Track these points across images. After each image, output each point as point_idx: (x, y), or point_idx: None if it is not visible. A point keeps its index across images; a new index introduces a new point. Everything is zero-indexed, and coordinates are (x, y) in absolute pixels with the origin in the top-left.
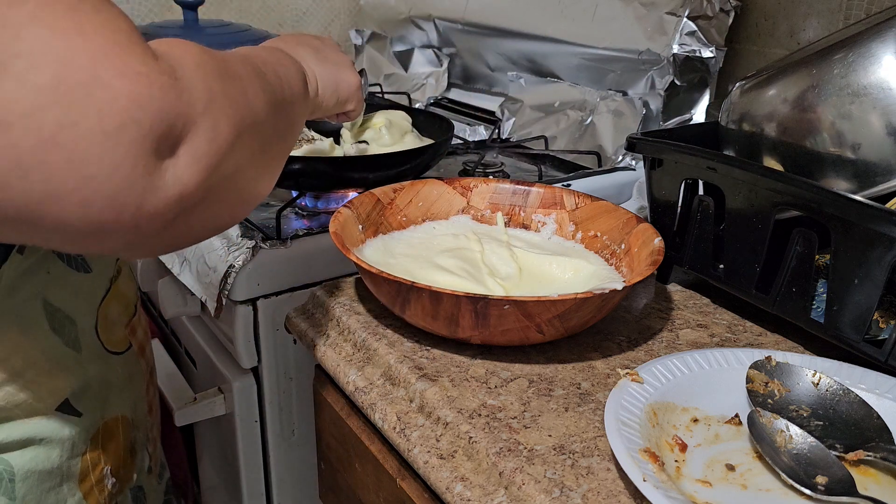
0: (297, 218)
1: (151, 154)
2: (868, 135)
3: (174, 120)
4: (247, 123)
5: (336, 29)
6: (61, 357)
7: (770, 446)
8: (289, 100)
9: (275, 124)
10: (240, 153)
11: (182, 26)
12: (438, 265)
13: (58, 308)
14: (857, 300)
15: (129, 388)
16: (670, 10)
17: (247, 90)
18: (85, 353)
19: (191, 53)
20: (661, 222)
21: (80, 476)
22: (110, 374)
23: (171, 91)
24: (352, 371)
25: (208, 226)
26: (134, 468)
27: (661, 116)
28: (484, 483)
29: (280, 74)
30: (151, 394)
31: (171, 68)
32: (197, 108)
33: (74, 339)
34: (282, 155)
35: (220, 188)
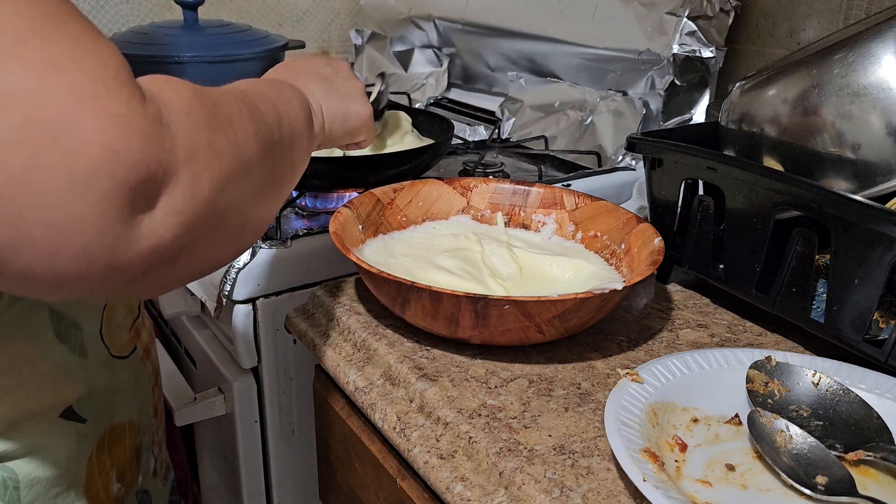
0: (297, 218)
1: (125, 205)
2: (868, 135)
3: (153, 170)
4: (234, 172)
5: (336, 29)
6: (67, 364)
7: (770, 446)
8: (288, 138)
9: (270, 166)
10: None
11: (182, 26)
12: (439, 265)
13: (63, 314)
14: (857, 300)
15: (136, 392)
16: (670, 10)
17: (237, 136)
18: (91, 359)
19: (181, 97)
20: (661, 222)
21: (85, 482)
22: (116, 378)
23: (153, 139)
24: (352, 371)
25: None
26: (139, 472)
27: (661, 116)
28: (484, 483)
29: (280, 112)
30: (157, 396)
31: (158, 112)
32: (179, 157)
33: (80, 346)
34: (280, 192)
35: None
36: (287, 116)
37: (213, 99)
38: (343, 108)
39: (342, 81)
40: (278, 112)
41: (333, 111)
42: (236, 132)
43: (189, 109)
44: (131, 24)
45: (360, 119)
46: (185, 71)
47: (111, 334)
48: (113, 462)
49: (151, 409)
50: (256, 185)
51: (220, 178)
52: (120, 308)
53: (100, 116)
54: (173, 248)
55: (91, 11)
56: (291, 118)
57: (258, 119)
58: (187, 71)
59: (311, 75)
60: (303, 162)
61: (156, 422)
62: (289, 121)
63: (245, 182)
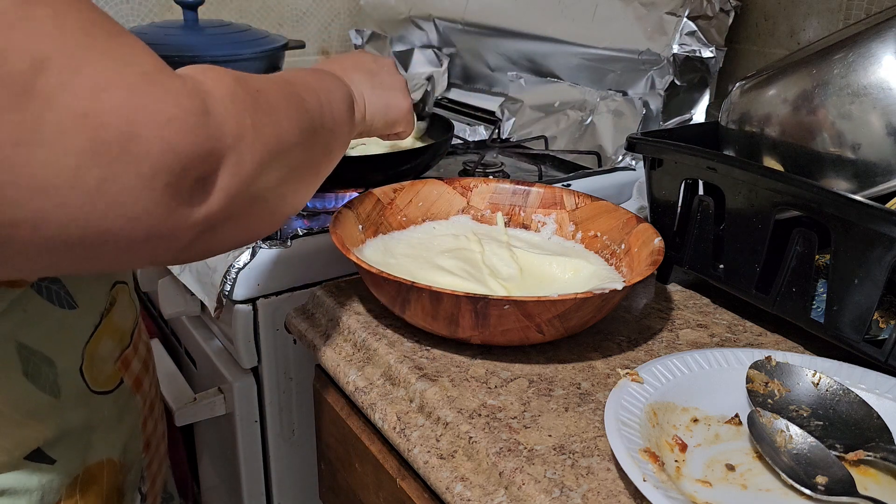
0: (297, 218)
1: (185, 191)
2: (868, 135)
3: (205, 158)
4: (276, 153)
5: (336, 29)
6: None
7: (770, 446)
8: (328, 126)
9: (309, 150)
10: (268, 178)
11: (182, 26)
12: (439, 266)
13: (34, 350)
14: (857, 300)
15: (119, 429)
16: (670, 10)
17: (279, 121)
18: (64, 397)
19: (223, 84)
20: (661, 222)
21: None
22: (94, 416)
23: (202, 130)
24: (352, 371)
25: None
26: None
27: (661, 116)
28: (484, 483)
29: (322, 101)
30: (150, 428)
31: (203, 104)
32: (226, 142)
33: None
34: (316, 176)
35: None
36: (329, 105)
37: (255, 85)
38: (385, 100)
39: (386, 76)
40: (320, 101)
41: (375, 103)
42: (278, 117)
43: (233, 96)
44: (131, 25)
45: (400, 111)
46: None
47: (93, 368)
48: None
49: (141, 444)
50: (294, 167)
51: (263, 159)
52: (107, 341)
53: (155, 124)
54: (219, 218)
55: None
56: (333, 107)
57: (300, 106)
58: None
59: (357, 69)
60: (341, 149)
61: (147, 456)
62: (330, 109)
63: (284, 163)
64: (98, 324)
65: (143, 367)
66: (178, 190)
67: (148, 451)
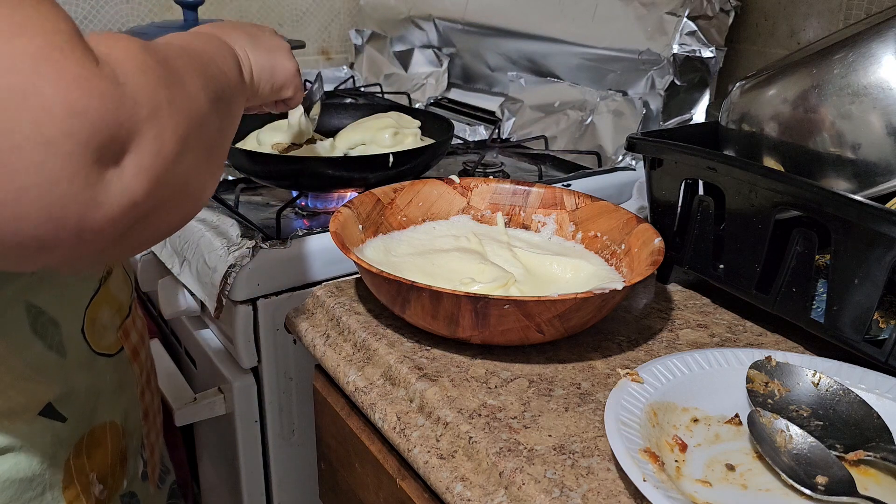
0: (297, 218)
1: (92, 165)
2: (868, 135)
3: (115, 129)
4: (193, 126)
5: (336, 29)
6: (43, 362)
7: (770, 446)
8: (228, 93)
9: (219, 119)
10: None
11: (182, 26)
12: (446, 257)
13: (42, 310)
14: (857, 300)
15: (120, 394)
16: (670, 10)
17: (190, 91)
18: (70, 358)
19: (133, 55)
20: (661, 222)
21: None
22: (98, 379)
23: (112, 99)
24: (352, 371)
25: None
26: (125, 475)
27: (661, 116)
28: (484, 483)
29: (220, 66)
30: (148, 399)
31: (113, 73)
32: (141, 115)
33: (59, 343)
34: (224, 149)
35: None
36: (224, 70)
37: (162, 54)
38: (270, 62)
39: (268, 38)
40: (218, 66)
41: (260, 64)
42: (188, 87)
43: (144, 67)
44: (131, 24)
45: (287, 72)
46: None
47: (95, 333)
48: (93, 465)
49: (140, 412)
50: (211, 139)
51: (183, 133)
52: (106, 307)
53: (59, 79)
54: (147, 205)
55: (91, 11)
56: (227, 71)
57: (204, 73)
58: None
59: (238, 30)
60: (238, 116)
61: (146, 425)
62: (225, 74)
63: (202, 136)
64: (97, 289)
65: (140, 339)
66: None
67: (147, 420)
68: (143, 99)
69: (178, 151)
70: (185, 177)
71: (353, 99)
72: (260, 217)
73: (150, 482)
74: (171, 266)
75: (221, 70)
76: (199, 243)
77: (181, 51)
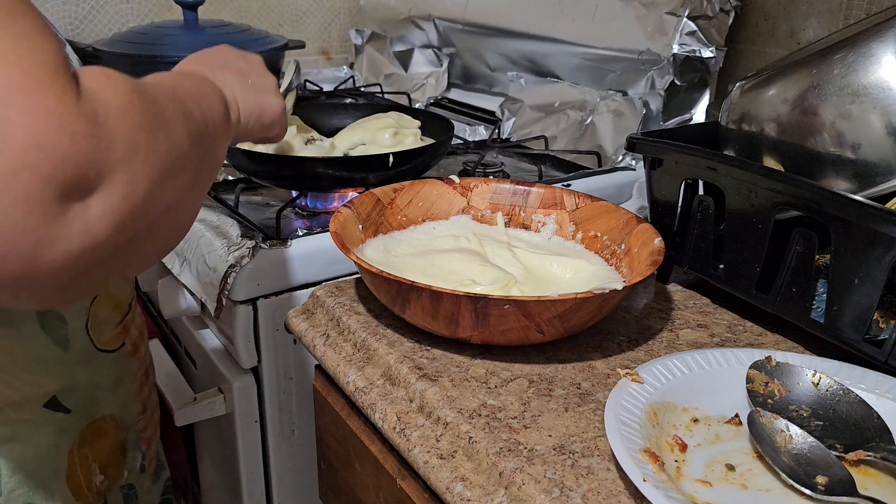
0: (297, 218)
1: (53, 201)
2: (868, 135)
3: (84, 169)
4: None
5: (336, 29)
6: (48, 355)
7: (770, 446)
8: (212, 135)
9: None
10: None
11: (182, 26)
12: (447, 257)
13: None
14: (857, 300)
15: (119, 388)
16: (670, 10)
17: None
18: (73, 352)
19: (119, 94)
20: (661, 222)
21: (67, 472)
22: (99, 373)
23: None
24: (352, 371)
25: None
26: (124, 466)
27: (661, 116)
28: (484, 483)
29: (204, 109)
30: (146, 393)
31: (93, 111)
32: (115, 156)
33: (63, 338)
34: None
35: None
36: (210, 113)
37: (151, 95)
38: (259, 103)
39: (256, 76)
40: (202, 109)
41: (249, 105)
42: (171, 130)
43: (128, 108)
44: (131, 24)
45: (274, 113)
46: None
47: (96, 329)
48: (95, 455)
49: (139, 406)
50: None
51: (157, 176)
52: (106, 304)
53: (28, 112)
54: (108, 248)
55: (91, 11)
56: (214, 115)
57: (189, 116)
58: None
59: (227, 68)
60: (220, 161)
61: (143, 419)
62: (212, 117)
63: (178, 179)
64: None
65: (140, 335)
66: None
67: (144, 414)
68: (120, 140)
69: (149, 194)
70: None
71: (353, 99)
72: (260, 217)
73: (146, 475)
74: (171, 266)
75: (208, 113)
76: (199, 243)
77: (171, 92)
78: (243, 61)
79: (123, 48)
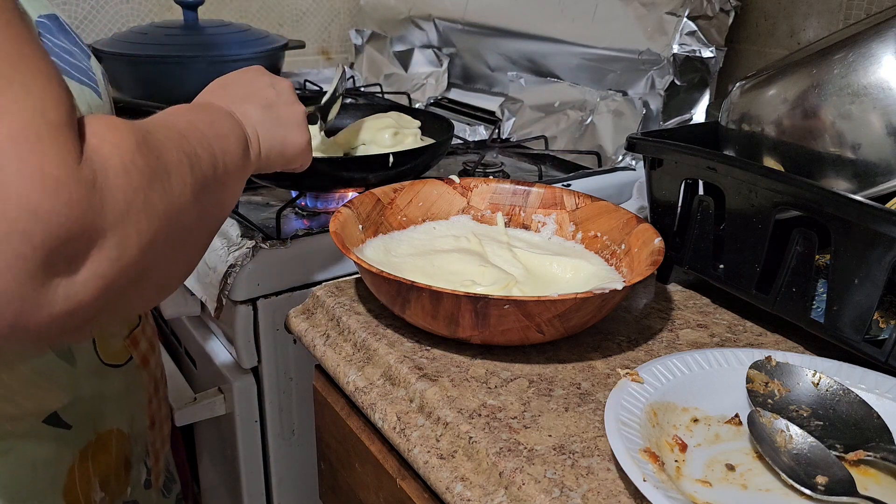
0: (297, 218)
1: (40, 267)
2: (868, 135)
3: (76, 235)
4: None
5: (336, 29)
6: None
7: (770, 446)
8: (221, 180)
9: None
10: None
11: (182, 26)
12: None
13: None
14: (857, 300)
15: (127, 401)
16: (670, 10)
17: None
18: (80, 366)
19: (122, 151)
20: (661, 222)
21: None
22: (106, 386)
23: (81, 204)
24: (352, 371)
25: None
26: (128, 482)
27: (661, 116)
28: (484, 483)
29: (216, 153)
30: (155, 407)
31: (93, 174)
32: (109, 220)
33: (68, 352)
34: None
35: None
36: (222, 157)
37: (156, 150)
38: (281, 137)
39: (283, 107)
40: (213, 154)
41: (271, 140)
42: (173, 185)
43: (129, 168)
44: (131, 24)
45: (297, 147)
46: (185, 71)
47: (103, 343)
48: (96, 470)
49: (147, 420)
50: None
51: (150, 237)
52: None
53: (27, 176)
54: (91, 310)
55: (91, 11)
56: (227, 158)
57: (195, 165)
58: (187, 71)
59: (252, 100)
60: (233, 200)
61: (152, 433)
62: (223, 161)
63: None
64: None
65: (150, 346)
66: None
67: (153, 428)
68: (116, 204)
69: (140, 255)
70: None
71: (353, 99)
72: (260, 217)
73: (153, 490)
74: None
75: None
76: None
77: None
78: (271, 90)
79: (123, 48)
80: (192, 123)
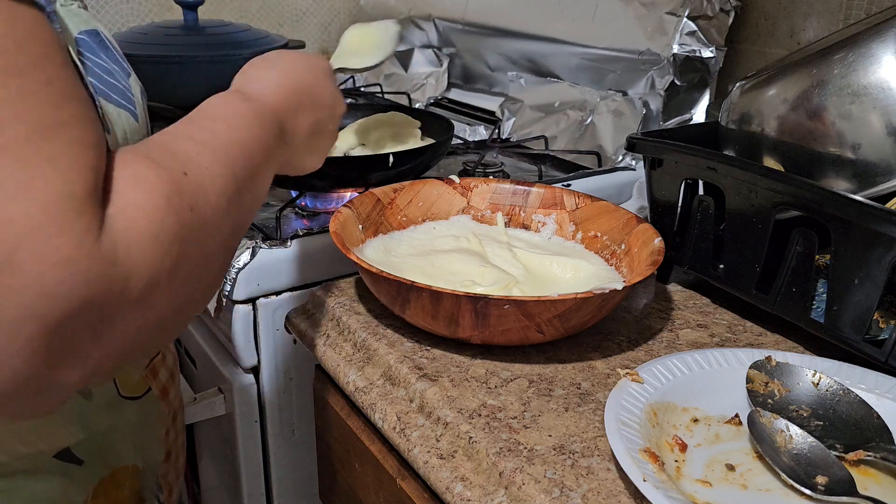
0: (297, 218)
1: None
2: (868, 135)
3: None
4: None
5: (336, 29)
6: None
7: (770, 446)
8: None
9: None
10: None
11: (182, 26)
12: (447, 258)
13: None
14: (857, 300)
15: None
16: (670, 10)
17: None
18: (95, 401)
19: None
20: (661, 222)
21: None
22: (121, 420)
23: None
24: (352, 371)
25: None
26: None
27: (661, 116)
28: (484, 483)
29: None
30: (171, 438)
31: (114, 248)
32: (132, 292)
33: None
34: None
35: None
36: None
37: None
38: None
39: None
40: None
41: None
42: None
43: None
44: (131, 24)
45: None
46: (185, 71)
47: (122, 375)
48: None
49: (162, 453)
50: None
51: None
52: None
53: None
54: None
55: (91, 12)
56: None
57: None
58: (187, 71)
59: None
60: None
61: (166, 465)
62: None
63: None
64: None
65: (171, 377)
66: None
67: (168, 461)
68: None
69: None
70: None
71: (353, 99)
72: (260, 217)
73: None
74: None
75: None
76: None
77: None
78: (328, 111)
79: (123, 48)
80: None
